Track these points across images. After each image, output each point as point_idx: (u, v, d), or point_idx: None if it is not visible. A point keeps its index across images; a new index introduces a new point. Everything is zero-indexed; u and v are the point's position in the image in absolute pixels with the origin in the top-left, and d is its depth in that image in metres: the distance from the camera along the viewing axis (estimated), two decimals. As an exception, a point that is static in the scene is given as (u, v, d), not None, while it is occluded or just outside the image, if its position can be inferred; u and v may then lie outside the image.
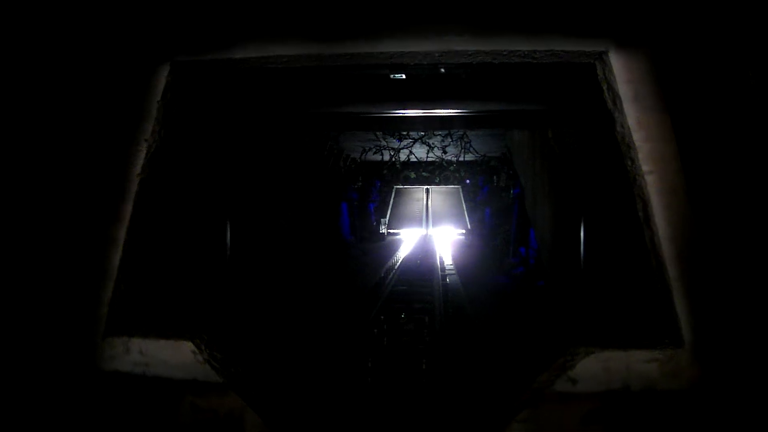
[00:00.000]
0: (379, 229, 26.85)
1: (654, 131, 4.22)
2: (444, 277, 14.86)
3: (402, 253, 21.51)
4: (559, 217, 8.66)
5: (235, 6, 4.48)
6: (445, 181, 28.66)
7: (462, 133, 17.14)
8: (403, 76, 5.61)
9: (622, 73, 4.27)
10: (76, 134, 4.51)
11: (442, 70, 5.24)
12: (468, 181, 28.19)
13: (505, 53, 4.34)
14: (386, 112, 7.46)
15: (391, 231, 29.68)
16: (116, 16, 4.44)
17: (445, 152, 21.36)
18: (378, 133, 16.83)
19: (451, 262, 18.83)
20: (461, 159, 24.52)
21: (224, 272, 7.81)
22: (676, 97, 4.19)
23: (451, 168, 26.07)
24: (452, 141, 18.34)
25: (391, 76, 5.54)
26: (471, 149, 18.42)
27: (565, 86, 6.49)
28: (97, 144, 4.56)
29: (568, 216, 8.17)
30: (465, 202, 28.68)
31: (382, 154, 21.90)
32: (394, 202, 30.16)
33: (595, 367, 4.13)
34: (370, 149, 20.99)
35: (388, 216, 29.57)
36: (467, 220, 28.62)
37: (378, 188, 26.67)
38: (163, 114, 4.59)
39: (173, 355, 4.45)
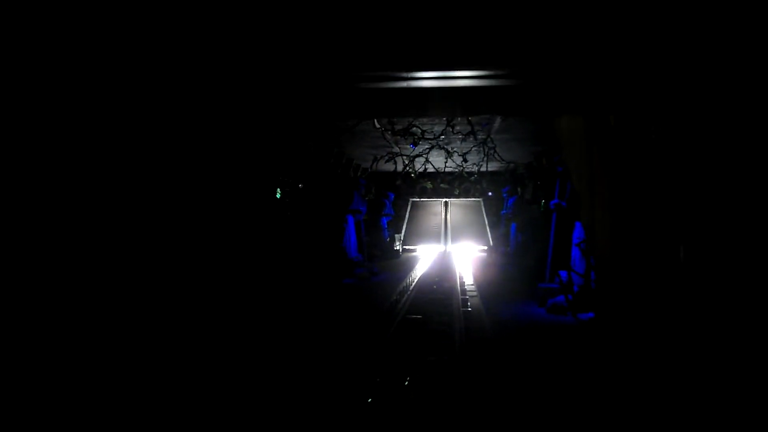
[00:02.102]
0: (393, 246, 24.51)
1: None
2: (465, 302, 12.53)
3: (417, 272, 19.18)
4: (629, 230, 6.30)
5: None
6: (465, 193, 26.38)
7: (485, 136, 14.87)
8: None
9: None
10: None
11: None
12: (490, 193, 25.91)
13: None
14: (394, 75, 5.16)
15: (407, 247, 27.46)
16: None
17: (465, 160, 19.08)
18: (388, 134, 14.61)
19: (472, 284, 16.46)
20: (483, 169, 22.31)
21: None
22: None
23: (472, 179, 23.74)
24: (474, 146, 16.05)
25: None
26: (495, 155, 16.07)
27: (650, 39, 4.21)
28: None
29: (645, 230, 5.83)
30: (487, 216, 26.33)
31: (395, 163, 19.65)
32: (410, 216, 27.90)
33: None
34: (381, 157, 18.81)
35: (403, 231, 27.32)
36: (489, 235, 26.27)
37: (392, 201, 24.37)
38: None
39: None
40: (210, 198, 7.04)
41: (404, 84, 5.35)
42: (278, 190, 11.23)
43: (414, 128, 12.34)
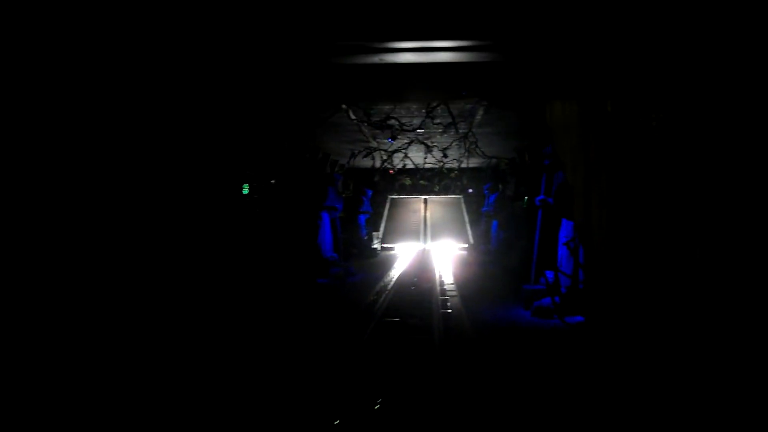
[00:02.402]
0: (371, 244, 23.79)
1: None
2: (444, 303, 11.89)
3: (396, 271, 18.51)
4: (629, 227, 5.67)
5: None
6: (444, 190, 25.77)
7: (466, 130, 14.24)
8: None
9: None
10: None
11: None
12: (470, 190, 25.32)
13: None
14: (367, 45, 4.46)
15: (386, 245, 26.74)
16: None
17: (445, 155, 18.46)
18: (365, 127, 13.91)
19: (452, 283, 15.82)
20: (463, 165, 21.71)
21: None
22: None
23: (452, 175, 23.13)
24: (455, 140, 15.42)
25: None
26: (477, 150, 15.45)
27: None
28: None
29: (648, 227, 5.22)
30: (467, 213, 25.76)
31: (373, 158, 18.97)
32: (388, 214, 27.21)
33: None
34: (359, 152, 18.13)
35: (382, 229, 26.62)
36: (469, 233, 25.69)
37: (370, 198, 23.67)
38: None
39: None
40: (163, 192, 6.28)
41: (377, 59, 4.65)
42: (246, 185, 10.45)
43: (391, 120, 11.66)
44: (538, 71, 5.27)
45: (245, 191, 10.43)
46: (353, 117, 11.31)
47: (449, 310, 10.50)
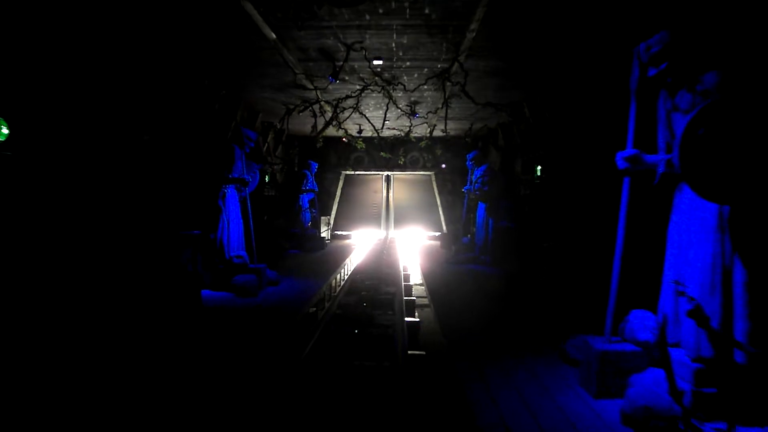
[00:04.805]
0: (318, 232, 18.29)
1: None
2: (412, 331, 6.78)
3: (344, 273, 13.27)
4: None
5: None
6: (412, 165, 20.41)
7: (449, 62, 8.98)
8: None
9: None
10: None
11: None
12: (444, 165, 20.08)
13: None
14: None
15: (339, 232, 21.44)
16: None
17: (413, 111, 13.19)
18: (290, 56, 8.50)
19: (425, 295, 10.70)
20: (437, 134, 16.58)
21: None
22: None
23: (422, 144, 17.77)
24: (431, 78, 10.12)
25: None
26: (462, 95, 10.12)
27: None
28: None
29: None
30: (439, 194, 20.46)
31: (314, 115, 13.49)
32: (342, 194, 21.82)
33: None
34: (295, 107, 12.71)
35: (333, 213, 21.25)
36: (443, 219, 20.53)
37: (314, 173, 18.08)
38: None
39: None
40: None
41: None
42: (2, 125, 5.00)
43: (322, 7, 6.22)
44: None
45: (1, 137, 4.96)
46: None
47: (426, 359, 5.24)
